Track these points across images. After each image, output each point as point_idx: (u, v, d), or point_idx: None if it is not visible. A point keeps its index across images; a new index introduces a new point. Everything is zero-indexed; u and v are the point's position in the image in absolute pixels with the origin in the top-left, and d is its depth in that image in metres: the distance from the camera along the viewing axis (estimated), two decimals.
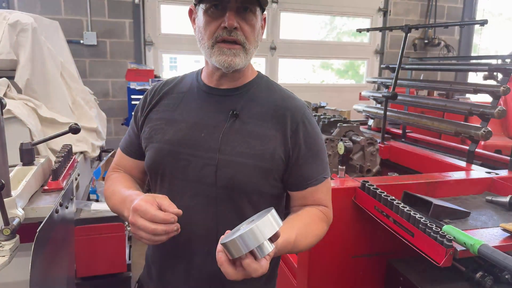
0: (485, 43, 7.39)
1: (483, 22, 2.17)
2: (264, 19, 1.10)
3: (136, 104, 4.09)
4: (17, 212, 1.07)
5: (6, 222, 0.98)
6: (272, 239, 0.83)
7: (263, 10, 1.07)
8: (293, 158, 1.06)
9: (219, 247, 0.82)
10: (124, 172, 1.23)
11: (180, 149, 1.05)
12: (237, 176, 1.01)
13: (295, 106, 1.10)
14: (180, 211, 0.90)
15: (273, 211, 0.83)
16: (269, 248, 0.82)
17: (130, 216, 0.89)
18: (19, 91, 2.19)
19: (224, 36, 0.99)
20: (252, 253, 0.80)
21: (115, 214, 2.09)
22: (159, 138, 1.09)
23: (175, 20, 4.89)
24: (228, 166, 1.01)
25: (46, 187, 1.30)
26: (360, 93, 3.70)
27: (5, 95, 2.08)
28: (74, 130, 1.33)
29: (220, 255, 0.82)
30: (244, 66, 1.05)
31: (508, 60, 3.04)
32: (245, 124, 1.05)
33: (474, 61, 4.47)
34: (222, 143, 1.02)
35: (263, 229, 0.78)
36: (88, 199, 2.48)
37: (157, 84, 1.23)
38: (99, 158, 3.07)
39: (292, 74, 5.84)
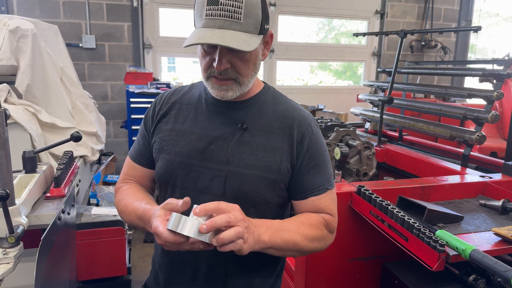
0: (482, 43, 7.44)
1: (477, 29, 2.20)
2: (271, 35, 1.08)
3: (135, 107, 4.10)
4: (21, 220, 1.09)
5: (11, 230, 1.00)
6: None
7: (266, 33, 1.04)
8: (297, 168, 1.09)
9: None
10: (134, 183, 1.23)
11: (191, 160, 1.08)
12: (245, 187, 1.04)
13: (301, 117, 1.12)
14: (187, 198, 0.92)
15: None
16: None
17: (157, 239, 0.92)
18: (19, 96, 2.22)
19: (215, 74, 1.01)
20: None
21: (115, 218, 2.14)
22: (169, 149, 1.11)
23: (173, 23, 4.91)
24: (236, 177, 1.05)
25: (48, 194, 1.32)
26: (357, 96, 3.73)
27: (5, 100, 2.10)
28: (76, 138, 1.36)
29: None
30: (239, 95, 1.07)
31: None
32: (252, 136, 1.08)
33: (469, 65, 4.51)
34: (231, 155, 1.06)
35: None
36: (89, 203, 2.51)
37: (165, 93, 1.23)
38: (99, 161, 3.10)
39: (290, 76, 5.88)
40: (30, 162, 1.35)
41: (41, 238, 0.99)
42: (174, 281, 1.14)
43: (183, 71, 5.58)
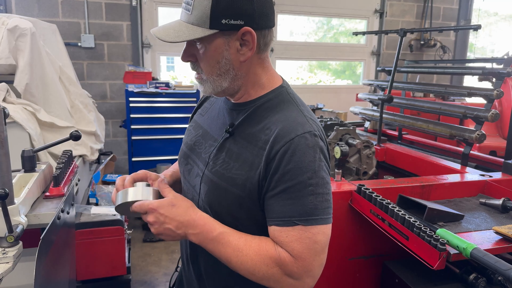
0: (481, 42, 7.44)
1: (476, 27, 2.20)
2: (251, 33, 0.92)
3: (134, 106, 4.10)
4: (20, 219, 1.09)
5: (10, 229, 1.00)
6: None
7: (232, 29, 0.91)
8: (265, 189, 0.93)
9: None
10: None
11: (190, 153, 1.13)
12: (211, 195, 0.99)
13: (285, 130, 0.93)
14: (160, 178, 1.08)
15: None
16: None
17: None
18: (18, 95, 2.21)
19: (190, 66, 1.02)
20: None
21: (114, 218, 2.13)
22: (185, 139, 1.20)
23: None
24: (206, 182, 1.02)
25: (47, 194, 1.32)
26: (357, 95, 3.73)
27: (4, 99, 2.10)
28: (75, 137, 1.35)
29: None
30: (215, 92, 1.01)
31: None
32: (235, 143, 1.00)
33: (469, 64, 4.51)
34: (211, 158, 1.03)
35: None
36: (88, 202, 2.50)
37: None
38: (98, 161, 3.09)
39: (290, 75, 5.87)
40: (29, 161, 1.34)
41: (41, 238, 0.98)
42: (181, 259, 1.22)
43: (182, 71, 5.57)
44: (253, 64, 0.99)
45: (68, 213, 1.35)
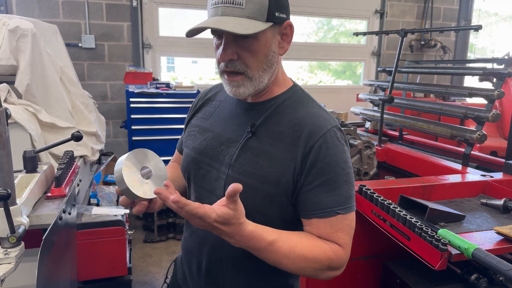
0: (482, 42, 7.44)
1: (477, 28, 2.20)
2: (291, 26, 0.99)
3: (134, 107, 4.10)
4: (22, 220, 1.09)
5: (12, 230, 1.00)
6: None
7: (279, 22, 0.96)
8: (301, 183, 0.96)
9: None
10: (175, 162, 1.34)
11: (202, 158, 1.09)
12: (241, 196, 0.94)
13: (316, 125, 0.98)
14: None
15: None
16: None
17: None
18: (19, 96, 2.21)
19: (223, 68, 0.98)
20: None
21: (115, 218, 2.13)
22: (189, 144, 1.15)
23: (173, 22, 4.91)
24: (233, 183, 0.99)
25: (49, 194, 1.32)
26: (357, 95, 3.73)
27: (5, 100, 2.10)
28: (77, 137, 1.35)
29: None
30: (254, 92, 1.00)
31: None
32: (260, 142, 1.00)
33: (469, 65, 4.51)
34: (234, 159, 1.01)
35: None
36: (89, 203, 2.50)
37: (206, 89, 1.26)
38: (99, 161, 3.09)
39: (290, 76, 5.86)
40: (31, 162, 1.34)
41: (43, 238, 0.98)
42: (187, 267, 1.17)
43: (183, 71, 5.58)
44: (278, 61, 1.03)
45: (69, 213, 1.36)
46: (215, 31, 0.97)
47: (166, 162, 3.76)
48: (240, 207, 0.87)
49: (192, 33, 0.96)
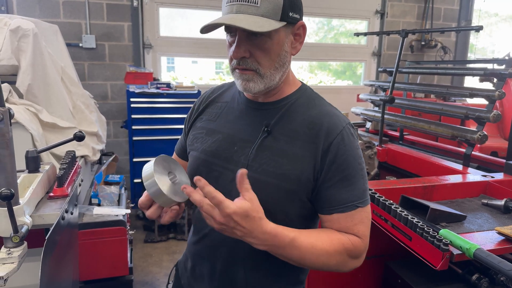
0: (482, 43, 7.45)
1: (478, 29, 2.21)
2: (303, 27, 1.02)
3: (135, 107, 4.10)
4: (25, 219, 1.09)
5: (15, 229, 1.00)
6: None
7: (293, 22, 0.98)
8: (321, 180, 0.99)
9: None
10: None
11: (214, 160, 1.08)
12: (260, 195, 0.95)
13: (332, 124, 1.00)
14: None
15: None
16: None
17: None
18: (20, 96, 2.21)
19: (234, 65, 0.99)
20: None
21: (117, 218, 2.13)
22: (198, 147, 1.13)
23: (173, 22, 4.91)
24: (252, 184, 0.96)
25: (51, 194, 1.32)
26: (358, 95, 3.73)
27: (6, 100, 2.10)
28: (79, 137, 1.35)
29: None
30: (264, 89, 1.01)
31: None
32: (276, 141, 1.01)
33: (470, 65, 4.51)
34: (251, 159, 1.02)
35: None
36: (90, 203, 2.50)
37: (208, 91, 1.24)
38: (100, 161, 3.09)
39: None
40: (33, 162, 1.34)
41: (46, 238, 0.98)
42: (197, 272, 1.16)
43: (183, 71, 5.58)
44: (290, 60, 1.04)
45: (72, 213, 1.36)
46: (228, 28, 0.98)
47: None
48: (255, 199, 0.89)
49: (207, 29, 0.96)
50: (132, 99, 3.84)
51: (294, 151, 0.99)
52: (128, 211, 2.32)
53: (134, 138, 3.95)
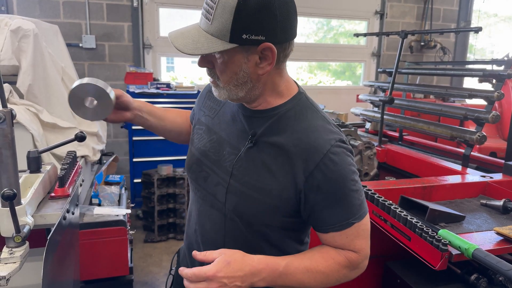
0: (481, 43, 7.46)
1: (477, 30, 2.22)
2: (270, 48, 0.89)
3: None
4: (27, 219, 1.09)
5: (17, 229, 1.01)
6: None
7: (250, 44, 0.88)
8: (310, 202, 0.96)
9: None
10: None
11: (205, 160, 1.09)
12: (242, 206, 0.97)
13: (318, 143, 0.94)
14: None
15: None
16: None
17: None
18: (21, 96, 2.22)
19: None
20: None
21: (117, 218, 2.13)
22: (195, 143, 1.15)
23: (173, 23, 4.92)
24: (235, 193, 0.99)
25: (53, 194, 1.32)
26: (358, 96, 3.74)
27: (7, 100, 2.10)
28: (80, 138, 1.36)
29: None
30: (231, 99, 0.99)
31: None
32: (260, 152, 0.99)
33: (469, 66, 4.52)
34: (235, 167, 1.01)
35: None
36: (90, 203, 2.51)
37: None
38: (100, 161, 3.09)
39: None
40: (35, 162, 1.35)
41: (48, 238, 0.99)
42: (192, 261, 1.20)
43: (182, 71, 5.58)
44: (271, 75, 0.97)
45: (73, 213, 1.36)
46: None
47: (166, 162, 3.75)
48: (224, 250, 0.93)
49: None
50: None
51: (277, 167, 0.96)
52: (129, 211, 2.33)
53: (134, 138, 3.96)
